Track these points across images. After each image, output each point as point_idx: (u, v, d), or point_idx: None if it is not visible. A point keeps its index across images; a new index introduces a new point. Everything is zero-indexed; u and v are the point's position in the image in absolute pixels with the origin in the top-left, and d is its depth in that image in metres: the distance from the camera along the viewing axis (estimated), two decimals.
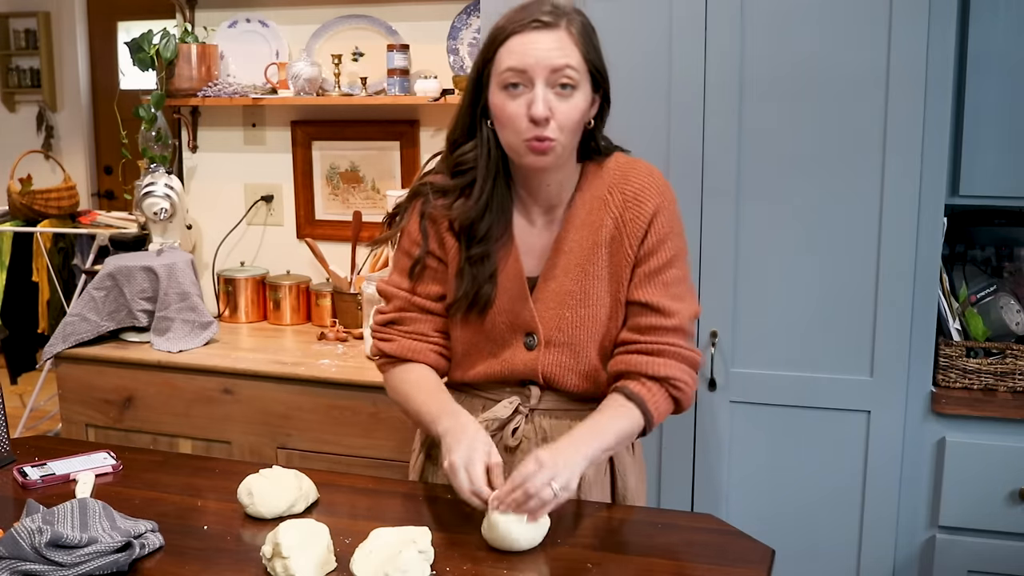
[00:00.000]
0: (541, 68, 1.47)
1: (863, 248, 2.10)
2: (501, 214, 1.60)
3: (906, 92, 2.02)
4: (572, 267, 1.60)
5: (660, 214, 1.59)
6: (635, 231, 1.58)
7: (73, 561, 1.30)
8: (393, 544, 1.34)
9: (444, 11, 2.82)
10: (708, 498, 2.27)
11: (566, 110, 1.49)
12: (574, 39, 1.50)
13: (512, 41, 1.49)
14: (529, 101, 1.48)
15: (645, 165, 1.64)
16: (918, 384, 2.12)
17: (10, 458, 1.76)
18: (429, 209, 1.62)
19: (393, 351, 1.67)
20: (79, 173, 6.13)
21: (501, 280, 1.61)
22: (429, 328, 1.67)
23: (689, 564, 1.41)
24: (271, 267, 3.11)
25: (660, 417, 1.59)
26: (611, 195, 1.59)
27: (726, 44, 2.11)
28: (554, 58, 1.47)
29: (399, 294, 1.67)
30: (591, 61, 1.52)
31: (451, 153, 1.62)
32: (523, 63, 1.47)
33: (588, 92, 1.53)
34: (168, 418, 2.64)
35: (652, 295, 1.58)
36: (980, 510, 2.11)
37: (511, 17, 1.52)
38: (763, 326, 2.19)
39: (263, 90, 2.98)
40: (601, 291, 1.60)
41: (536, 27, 1.48)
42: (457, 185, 1.60)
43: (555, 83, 1.48)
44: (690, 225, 2.18)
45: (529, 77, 1.48)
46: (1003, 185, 2.15)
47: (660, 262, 1.58)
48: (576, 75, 1.49)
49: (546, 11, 1.50)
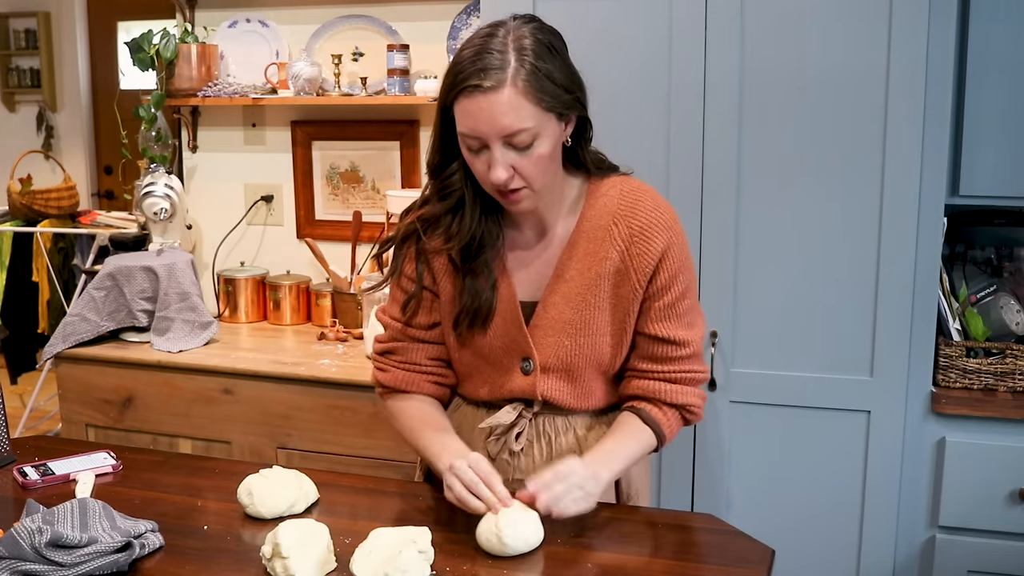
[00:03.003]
0: (493, 134, 1.41)
1: (863, 248, 2.10)
2: (493, 225, 1.58)
3: (906, 92, 2.02)
4: (573, 296, 1.57)
5: (670, 250, 1.56)
6: (643, 266, 1.55)
7: (73, 561, 1.30)
8: (393, 544, 1.34)
9: (444, 11, 2.82)
10: (708, 498, 2.27)
11: (528, 164, 1.45)
12: (521, 93, 1.40)
13: (463, 102, 1.42)
14: (489, 162, 1.44)
15: (651, 196, 1.59)
16: (918, 384, 2.12)
17: (10, 458, 1.76)
18: (423, 246, 1.60)
19: (388, 381, 1.68)
20: (79, 173, 6.13)
21: (496, 302, 1.59)
22: (423, 357, 1.66)
23: (689, 564, 1.41)
24: (271, 267, 3.11)
25: (671, 438, 1.63)
26: (616, 226, 1.55)
27: (726, 45, 2.11)
28: (504, 125, 1.41)
29: (393, 324, 1.67)
30: (547, 104, 1.43)
31: (434, 178, 1.59)
32: (475, 130, 1.43)
33: (553, 130, 1.46)
34: (168, 418, 2.64)
35: (668, 330, 1.58)
36: (980, 510, 2.11)
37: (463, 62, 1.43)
38: (763, 326, 2.19)
39: (263, 90, 2.98)
40: (602, 321, 1.58)
41: (481, 91, 1.40)
42: (446, 208, 1.56)
43: (511, 143, 1.43)
44: (690, 225, 2.18)
45: (483, 142, 1.43)
46: (1003, 185, 2.15)
47: (674, 297, 1.58)
48: (529, 134, 1.43)
49: (493, 65, 1.40)
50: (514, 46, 1.42)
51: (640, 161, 2.18)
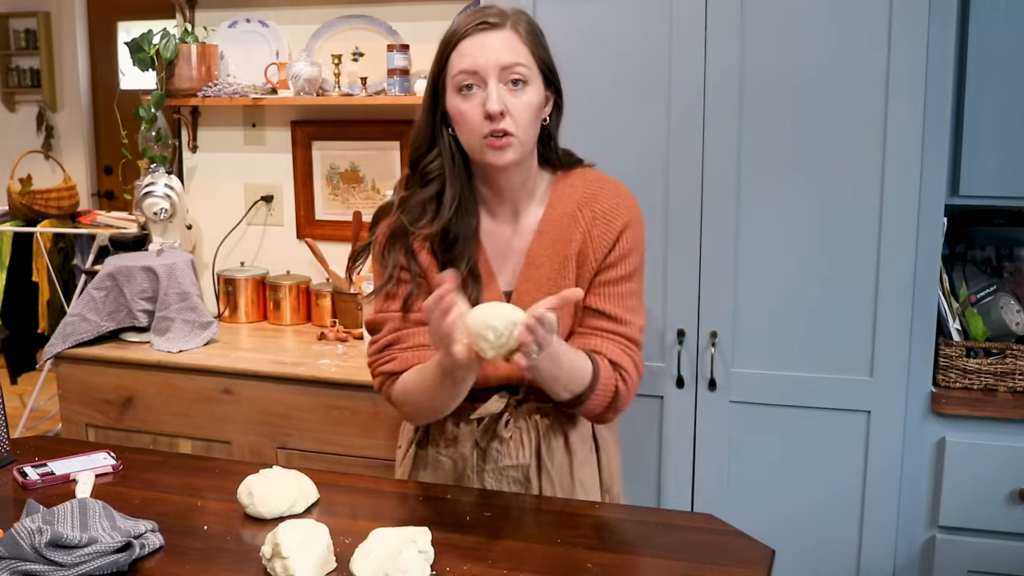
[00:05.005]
0: (492, 67, 1.53)
1: (863, 248, 2.10)
2: (469, 216, 1.64)
3: (906, 92, 2.02)
4: (544, 281, 1.64)
5: (626, 231, 1.65)
6: (601, 247, 1.64)
7: (73, 561, 1.30)
8: (393, 544, 1.34)
9: (444, 11, 2.82)
10: (708, 498, 2.27)
11: (520, 104, 1.55)
12: (522, 38, 1.57)
13: (462, 45, 1.56)
14: (484, 99, 1.53)
15: (614, 184, 1.69)
16: (918, 384, 2.12)
17: (10, 458, 1.76)
18: (410, 240, 1.64)
19: (396, 367, 1.66)
20: (79, 173, 6.13)
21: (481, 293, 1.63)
22: (426, 339, 1.66)
23: (689, 564, 1.41)
24: (271, 267, 3.11)
25: (601, 395, 1.59)
26: (580, 212, 1.65)
27: (726, 44, 2.11)
28: (503, 56, 1.54)
29: (392, 317, 1.67)
30: (540, 58, 1.58)
31: (413, 171, 1.66)
32: (474, 64, 1.54)
33: (540, 88, 1.59)
34: (168, 418, 2.64)
35: (607, 304, 1.64)
36: (980, 510, 2.11)
37: (460, 23, 1.58)
38: (763, 326, 2.19)
39: (263, 90, 2.98)
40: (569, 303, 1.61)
41: (484, 28, 1.55)
42: (429, 195, 1.62)
43: (507, 79, 1.55)
44: (690, 225, 2.18)
45: (481, 77, 1.54)
46: (1003, 185, 2.15)
47: (619, 274, 1.65)
48: (526, 71, 1.56)
49: (493, 13, 1.57)
50: (510, 11, 1.60)
51: (640, 161, 2.20)
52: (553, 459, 1.70)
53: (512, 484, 1.70)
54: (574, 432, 1.72)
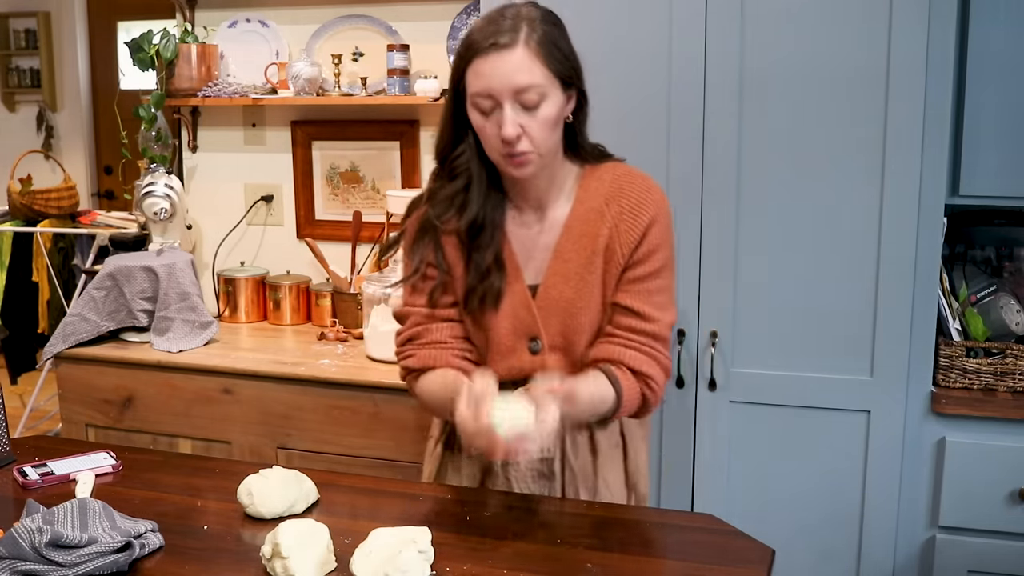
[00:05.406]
0: (506, 91, 1.51)
1: (863, 248, 2.10)
2: (495, 210, 1.64)
3: (906, 92, 2.02)
4: (571, 275, 1.64)
5: (653, 226, 1.63)
6: (628, 241, 1.63)
7: (73, 561, 1.30)
8: (393, 544, 1.34)
9: (444, 11, 2.82)
10: (708, 498, 2.27)
11: (536, 124, 1.53)
12: (534, 53, 1.52)
13: (476, 64, 1.53)
14: (499, 122, 1.52)
15: (643, 178, 1.67)
16: (918, 384, 2.12)
17: (10, 458, 1.76)
18: (440, 236, 1.65)
19: (415, 363, 1.69)
20: (79, 173, 6.13)
21: (505, 285, 1.64)
22: (447, 335, 1.69)
23: (689, 564, 1.41)
24: (271, 267, 3.11)
25: (627, 409, 1.63)
26: (608, 206, 1.64)
27: (726, 44, 2.11)
28: (516, 79, 1.51)
29: (417, 311, 1.70)
30: (556, 70, 1.54)
31: (442, 164, 1.66)
32: (488, 88, 1.52)
33: (559, 96, 1.56)
34: (168, 418, 2.64)
35: (635, 301, 1.63)
36: (980, 510, 2.11)
37: (474, 35, 1.55)
38: (763, 326, 2.19)
39: (263, 90, 2.98)
40: (596, 298, 1.64)
41: (496, 49, 1.51)
42: (457, 189, 1.63)
43: (521, 101, 1.52)
44: (690, 225, 2.18)
45: (496, 100, 1.52)
46: (1003, 185, 2.15)
47: (648, 270, 1.64)
48: (541, 90, 1.52)
49: (506, 28, 1.52)
50: (524, 18, 1.54)
51: (640, 160, 2.18)
52: (577, 453, 1.70)
53: (537, 478, 1.70)
54: (599, 427, 1.72)
